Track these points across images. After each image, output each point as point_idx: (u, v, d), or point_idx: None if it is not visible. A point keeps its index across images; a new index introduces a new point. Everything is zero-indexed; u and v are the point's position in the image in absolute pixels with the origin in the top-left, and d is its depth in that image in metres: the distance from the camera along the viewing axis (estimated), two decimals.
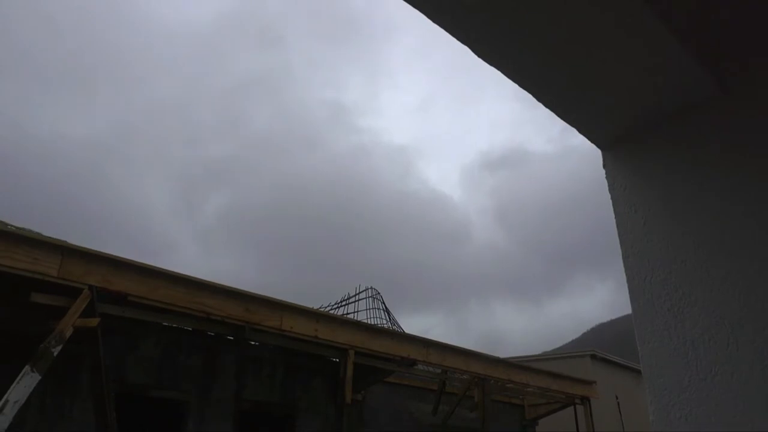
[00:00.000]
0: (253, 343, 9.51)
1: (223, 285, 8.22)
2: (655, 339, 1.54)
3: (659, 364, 1.51)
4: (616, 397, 20.26)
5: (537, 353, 26.62)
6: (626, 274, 1.68)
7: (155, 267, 7.59)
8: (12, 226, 7.69)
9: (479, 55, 1.79)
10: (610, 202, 1.86)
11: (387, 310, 14.15)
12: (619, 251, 1.75)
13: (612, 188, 1.87)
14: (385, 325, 13.35)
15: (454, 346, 11.25)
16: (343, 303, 14.12)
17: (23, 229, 7.73)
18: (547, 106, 1.92)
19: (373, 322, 12.98)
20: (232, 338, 9.11)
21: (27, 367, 6.25)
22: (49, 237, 6.77)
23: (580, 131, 2.01)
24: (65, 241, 6.85)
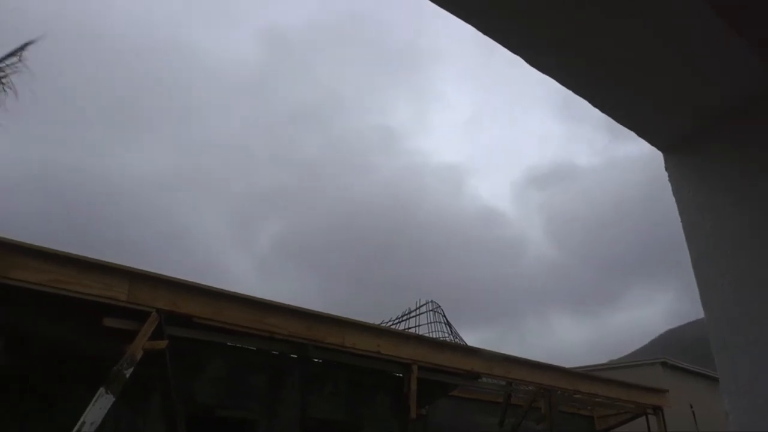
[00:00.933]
0: (316, 360, 9.58)
1: (285, 304, 8.33)
2: (731, 347, 1.48)
3: (738, 373, 1.45)
4: (691, 406, 19.52)
5: (603, 362, 25.91)
6: (697, 280, 1.63)
7: (219, 289, 7.76)
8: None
9: (532, 64, 1.77)
10: (662, 207, 1.81)
11: (448, 323, 14.06)
12: (679, 258, 1.70)
13: (676, 191, 1.81)
14: (447, 339, 13.25)
15: (518, 357, 11.07)
16: (404, 318, 14.10)
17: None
18: (602, 110, 1.89)
19: (434, 336, 12.91)
20: (295, 356, 9.20)
21: (102, 389, 6.46)
22: (118, 263, 7.00)
23: (639, 134, 1.96)
24: (133, 267, 7.08)
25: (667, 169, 1.87)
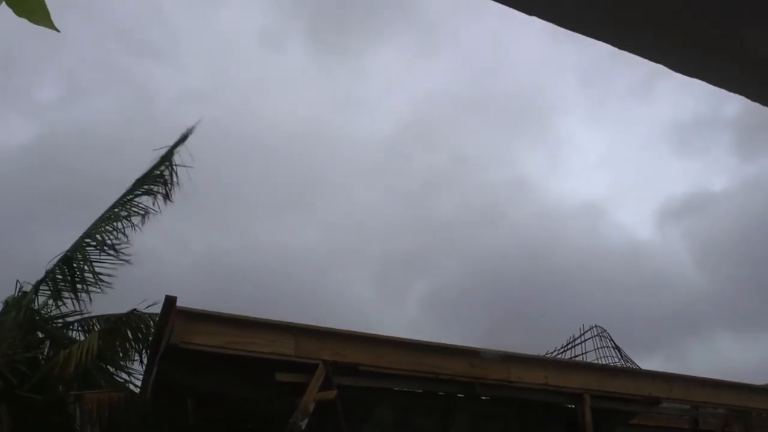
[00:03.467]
0: (484, 398, 9.41)
1: (446, 344, 8.32)
2: None
3: None
4: None
5: None
6: None
7: (380, 335, 7.92)
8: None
9: (678, 71, 1.67)
10: None
11: (617, 348, 13.30)
12: None
13: None
14: (618, 364, 12.55)
15: (700, 377, 10.22)
16: (569, 346, 13.52)
17: None
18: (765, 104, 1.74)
19: (604, 362, 12.28)
20: (462, 396, 9.10)
21: None
22: (284, 321, 7.37)
23: None
24: (298, 323, 7.42)
25: None
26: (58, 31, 2.04)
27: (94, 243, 9.95)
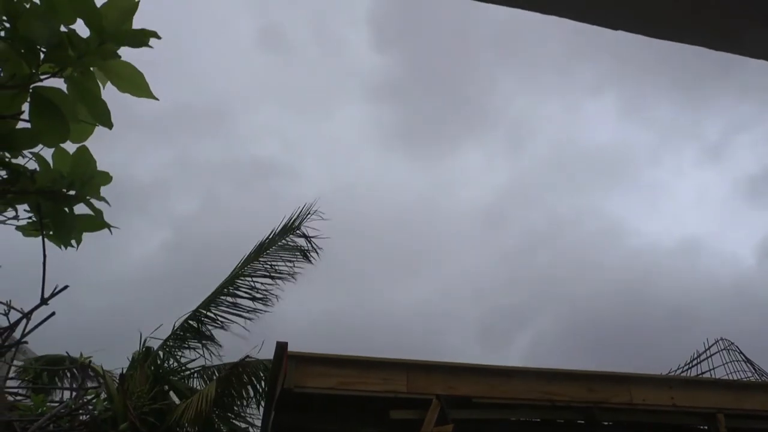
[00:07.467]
0: (606, 423, 8.99)
1: (560, 369, 8.04)
2: None
3: None
4: None
5: None
6: None
7: (491, 365, 7.76)
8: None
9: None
10: None
11: (748, 361, 12.36)
12: None
13: None
14: (752, 379, 11.68)
15: None
16: (694, 362, 12.70)
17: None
18: None
19: (735, 378, 11.47)
20: (582, 422, 8.73)
21: None
22: (395, 358, 7.38)
23: None
24: (408, 359, 7.41)
25: None
26: (157, 99, 2.16)
27: (226, 301, 10.72)
